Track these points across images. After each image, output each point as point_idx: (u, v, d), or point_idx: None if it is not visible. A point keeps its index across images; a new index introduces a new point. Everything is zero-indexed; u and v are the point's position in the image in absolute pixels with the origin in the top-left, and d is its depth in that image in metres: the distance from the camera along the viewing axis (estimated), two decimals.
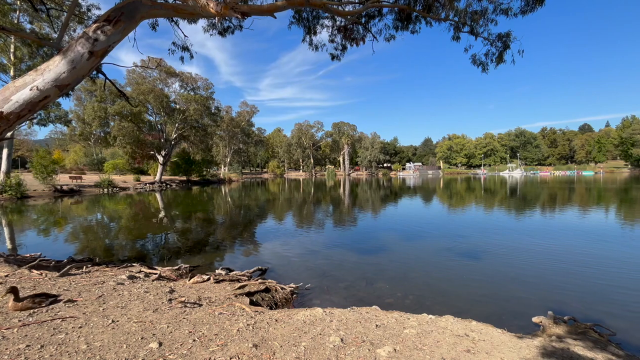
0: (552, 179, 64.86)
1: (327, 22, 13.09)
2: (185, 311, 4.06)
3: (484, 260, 9.09)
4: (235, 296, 5.29)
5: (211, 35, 12.06)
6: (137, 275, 6.03)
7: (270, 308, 5.36)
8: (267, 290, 5.93)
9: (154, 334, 3.23)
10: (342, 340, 3.27)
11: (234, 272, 6.90)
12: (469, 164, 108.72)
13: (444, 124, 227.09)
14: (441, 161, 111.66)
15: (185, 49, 11.26)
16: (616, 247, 10.32)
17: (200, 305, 4.47)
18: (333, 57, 13.74)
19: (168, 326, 3.48)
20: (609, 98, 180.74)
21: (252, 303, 5.25)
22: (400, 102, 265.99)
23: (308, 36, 13.19)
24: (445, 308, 5.33)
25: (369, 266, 8.45)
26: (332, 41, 13.45)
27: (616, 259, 8.94)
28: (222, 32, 12.03)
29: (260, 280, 6.36)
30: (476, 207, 22.63)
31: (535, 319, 4.75)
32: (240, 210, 21.03)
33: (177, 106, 46.05)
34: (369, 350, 3.07)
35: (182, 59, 11.22)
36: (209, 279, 6.27)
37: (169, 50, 11.06)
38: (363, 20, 12.72)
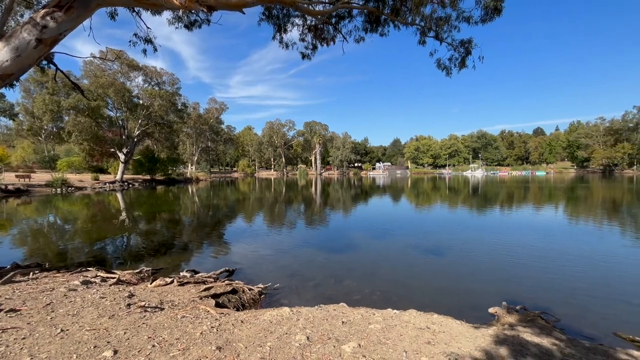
0: (510, 178, 69.47)
1: (297, 20, 13.04)
2: (145, 316, 3.86)
3: (447, 255, 9.52)
4: (200, 299, 5.13)
5: (177, 28, 11.58)
6: (93, 280, 5.65)
7: (238, 309, 5.25)
8: (234, 291, 5.81)
9: (108, 342, 3.05)
10: (308, 338, 3.28)
11: (200, 274, 6.69)
12: (434, 164, 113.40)
13: (412, 125, 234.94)
14: (409, 161, 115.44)
15: (148, 41, 10.72)
16: (562, 241, 11.25)
17: (162, 309, 4.28)
18: (304, 56, 13.73)
19: (125, 333, 3.29)
20: (559, 104, 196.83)
21: (218, 305, 5.11)
22: (370, 103, 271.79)
23: (278, 34, 13.06)
24: (409, 303, 5.52)
25: (338, 264, 8.55)
26: (302, 40, 13.43)
27: (562, 252, 9.75)
28: (189, 26, 11.59)
29: (227, 282, 6.21)
30: (441, 205, 23.66)
31: (491, 310, 5.07)
32: (209, 210, 20.40)
33: (141, 101, 43.69)
34: (334, 346, 3.10)
35: (144, 51, 10.68)
36: (172, 281, 6.02)
37: (130, 42, 10.48)
38: (333, 20, 12.83)
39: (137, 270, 6.90)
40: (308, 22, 13.07)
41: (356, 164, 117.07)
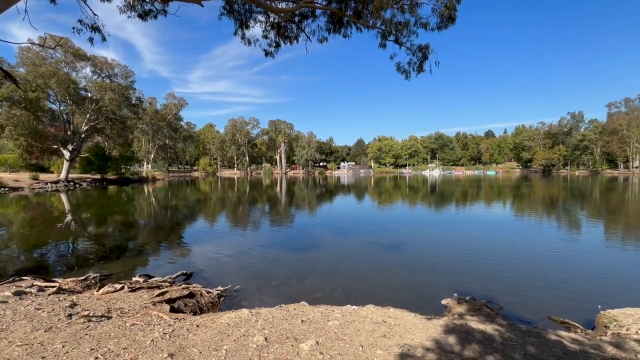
0: (464, 177, 74.40)
1: (260, 17, 12.82)
2: (88, 326, 3.57)
3: (405, 251, 9.93)
4: (154, 304, 4.85)
5: (129, 17, 10.82)
6: (28, 290, 5.11)
7: (195, 314, 5.05)
8: (191, 295, 5.57)
9: (43, 357, 2.77)
10: (266, 339, 3.25)
11: (154, 279, 6.33)
12: (396, 163, 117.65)
13: (375, 126, 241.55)
14: (372, 161, 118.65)
15: (95, 29, 9.90)
16: (508, 235, 12.24)
17: (110, 317, 3.99)
18: (267, 53, 13.54)
19: (64, 346, 3.02)
20: (507, 108, 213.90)
21: (173, 310, 4.87)
22: (335, 103, 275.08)
23: (240, 30, 12.75)
24: (369, 298, 5.68)
25: (301, 263, 8.56)
26: (265, 37, 13.24)
27: (507, 245, 10.60)
28: (143, 16, 10.90)
29: (183, 286, 5.94)
30: (401, 203, 24.62)
31: (443, 301, 5.37)
32: (167, 211, 19.38)
33: (89, 94, 40.28)
34: (292, 345, 3.10)
35: (91, 40, 9.85)
36: (122, 287, 5.63)
37: (73, 29, 9.61)
38: (297, 19, 12.79)
39: (82, 278, 6.36)
40: (271, 19, 12.90)
41: (321, 163, 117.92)
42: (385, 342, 3.21)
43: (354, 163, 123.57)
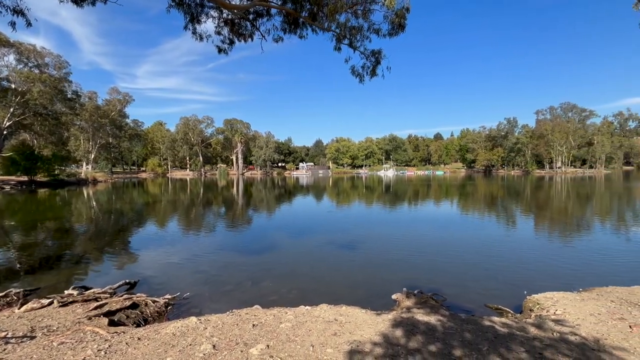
0: (416, 177, 78.77)
1: (213, 12, 12.35)
2: (5, 349, 3.14)
3: (360, 249, 10.22)
4: (89, 319, 4.42)
5: (62, 2, 9.76)
6: None
7: (138, 325, 4.69)
8: (134, 306, 5.18)
9: None
10: (214, 346, 3.12)
11: (92, 291, 5.76)
12: (353, 164, 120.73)
13: (334, 127, 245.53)
14: (330, 161, 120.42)
15: (18, 12, 8.80)
16: (453, 231, 13.17)
17: (33, 337, 3.55)
18: (220, 50, 13.10)
19: None
20: (454, 112, 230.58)
21: (112, 324, 4.48)
22: (294, 103, 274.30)
23: (191, 24, 12.17)
24: (323, 297, 5.73)
25: (256, 266, 8.39)
26: (218, 33, 12.79)
27: (453, 240, 11.41)
28: (78, 1, 9.89)
29: (125, 296, 5.49)
30: (358, 203, 25.31)
31: (393, 296, 5.61)
32: (110, 216, 17.80)
33: (13, 85, 35.59)
34: (241, 351, 3.02)
35: (12, 24, 8.71)
36: (51, 302, 5.05)
37: None
38: (251, 17, 12.54)
39: (1, 294, 5.58)
40: (224, 15, 12.50)
41: (280, 164, 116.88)
42: (336, 340, 3.27)
43: (312, 164, 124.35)
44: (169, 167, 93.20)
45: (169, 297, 5.80)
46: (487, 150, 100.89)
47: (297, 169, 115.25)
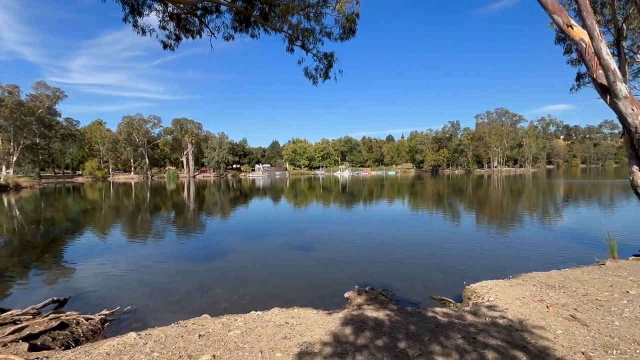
0: (370, 177, 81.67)
1: (157, 5, 11.61)
2: None
3: (315, 250, 10.28)
4: (4, 345, 3.85)
5: None
6: None
7: (67, 347, 4.20)
8: (63, 325, 4.64)
9: None
10: None
11: (8, 313, 5.04)
12: (310, 165, 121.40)
13: (290, 128, 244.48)
14: (287, 163, 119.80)
15: None
16: (404, 227, 13.85)
17: None
18: (165, 45, 12.38)
19: None
20: (404, 115, 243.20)
21: (34, 348, 3.96)
22: (249, 104, 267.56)
23: (132, 16, 11.33)
24: (276, 301, 5.66)
25: (207, 273, 8.03)
26: (163, 28, 12.08)
27: (404, 236, 11.99)
28: None
29: (52, 316, 4.90)
30: (314, 203, 25.49)
31: (346, 294, 5.73)
32: (38, 226, 15.77)
33: None
34: None
35: None
36: None
37: None
38: (199, 12, 12.01)
39: None
40: (170, 9, 11.83)
41: (234, 166, 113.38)
42: (286, 343, 3.24)
43: (269, 165, 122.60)
44: (110, 170, 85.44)
45: (106, 312, 5.30)
46: (434, 152, 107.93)
47: (253, 170, 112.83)
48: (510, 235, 12.10)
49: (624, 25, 11.22)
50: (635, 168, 7.72)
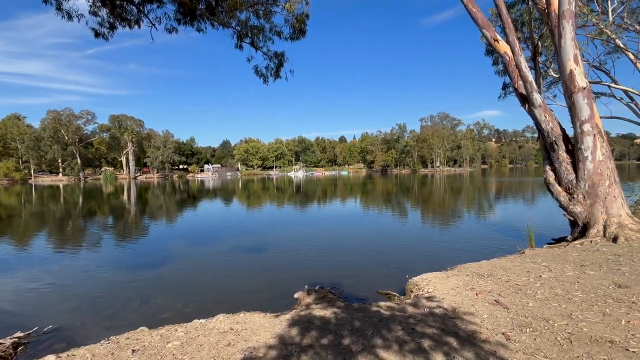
0: (324, 177, 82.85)
1: None
2: None
3: (266, 252, 10.12)
4: None
5: None
6: None
7: None
8: None
9: None
10: None
11: None
12: (263, 165, 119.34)
13: (242, 127, 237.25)
14: (239, 163, 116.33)
15: None
16: (352, 226, 14.26)
17: None
18: (98, 34, 11.29)
19: None
20: (355, 116, 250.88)
21: None
22: (198, 101, 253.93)
23: None
24: (223, 307, 5.45)
25: (148, 282, 7.45)
26: (94, 14, 10.99)
27: (351, 234, 12.33)
28: None
29: None
30: (267, 204, 25.09)
31: (295, 295, 5.72)
32: None
33: None
34: None
35: None
36: None
37: None
38: (137, 0, 11.10)
39: None
40: None
41: (181, 166, 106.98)
42: (229, 350, 3.12)
43: (219, 165, 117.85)
44: (32, 171, 75.15)
45: (21, 334, 4.63)
46: (383, 152, 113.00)
47: (202, 171, 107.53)
48: (449, 229, 13.13)
49: (539, 42, 12.82)
50: (548, 167, 8.85)
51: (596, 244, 6.88)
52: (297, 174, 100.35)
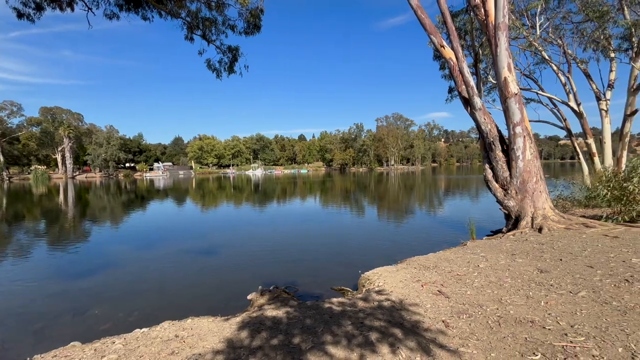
0: (283, 176, 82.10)
1: None
2: None
3: (219, 254, 9.78)
4: None
5: None
6: None
7: None
8: None
9: None
10: None
11: None
12: (219, 163, 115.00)
13: (196, 124, 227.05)
14: (193, 161, 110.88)
15: None
16: (312, 224, 14.34)
17: None
18: (21, 14, 10.10)
19: None
20: (316, 116, 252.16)
21: None
22: (147, 95, 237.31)
23: None
24: (170, 314, 5.15)
25: (84, 292, 6.79)
26: None
27: (311, 232, 12.40)
28: None
29: None
30: (224, 204, 24.23)
31: (249, 296, 5.58)
32: None
33: None
34: None
35: None
36: None
37: None
38: None
39: None
40: None
41: (128, 164, 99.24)
42: (172, 359, 2.95)
43: (171, 163, 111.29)
44: None
45: None
46: (342, 151, 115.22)
47: (152, 169, 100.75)
48: (401, 224, 13.78)
49: (480, 50, 13.93)
50: (487, 166, 9.66)
51: (525, 235, 7.66)
52: (256, 172, 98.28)
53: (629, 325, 2.95)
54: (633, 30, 11.85)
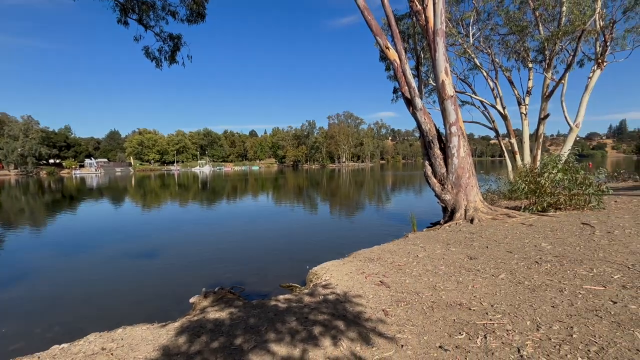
0: (233, 172, 79.29)
1: None
2: None
3: (161, 256, 9.13)
4: None
5: None
6: None
7: None
8: None
9: None
10: None
11: None
12: (162, 160, 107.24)
13: (135, 117, 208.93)
14: (132, 157, 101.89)
15: None
16: (261, 222, 14.08)
17: None
18: None
19: None
20: (266, 111, 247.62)
21: None
22: (76, 83, 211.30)
23: None
24: (99, 324, 4.65)
25: None
26: None
27: (256, 231, 12.17)
28: None
29: None
30: (170, 203, 22.65)
31: (191, 300, 5.28)
32: None
33: None
34: None
35: None
36: None
37: None
38: None
39: None
40: None
41: (52, 161, 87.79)
42: None
43: (106, 160, 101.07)
44: None
45: None
46: (294, 148, 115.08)
47: (82, 166, 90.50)
48: (350, 219, 14.19)
49: (421, 53, 14.83)
50: (426, 162, 10.34)
51: (459, 225, 8.38)
52: (203, 169, 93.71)
53: (536, 301, 3.38)
54: (546, 44, 13.58)
